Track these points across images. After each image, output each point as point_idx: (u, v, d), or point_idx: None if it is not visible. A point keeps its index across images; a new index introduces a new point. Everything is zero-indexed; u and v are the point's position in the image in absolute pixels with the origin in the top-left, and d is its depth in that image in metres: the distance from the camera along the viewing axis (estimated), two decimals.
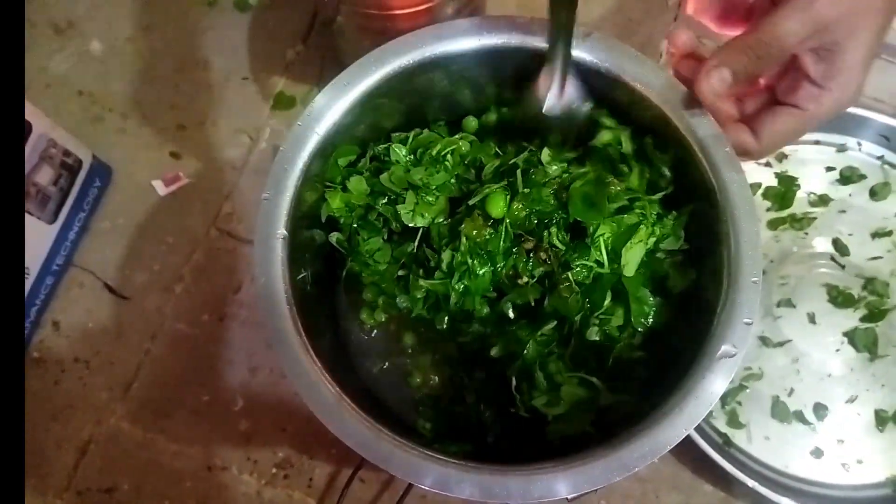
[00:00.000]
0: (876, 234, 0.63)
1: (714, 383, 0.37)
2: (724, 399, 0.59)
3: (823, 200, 0.64)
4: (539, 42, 0.45)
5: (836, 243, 0.63)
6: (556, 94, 0.46)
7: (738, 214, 0.40)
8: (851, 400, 0.59)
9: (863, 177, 0.65)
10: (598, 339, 0.45)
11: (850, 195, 0.65)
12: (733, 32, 0.43)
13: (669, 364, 0.40)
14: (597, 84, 0.45)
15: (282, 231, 0.41)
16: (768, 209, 0.64)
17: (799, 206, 0.64)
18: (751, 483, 0.54)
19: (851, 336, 0.60)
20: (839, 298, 0.61)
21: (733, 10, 0.45)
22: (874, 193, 0.64)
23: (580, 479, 0.35)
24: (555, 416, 0.45)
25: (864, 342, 0.60)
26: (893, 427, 0.58)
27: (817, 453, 0.58)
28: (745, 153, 0.42)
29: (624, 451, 0.36)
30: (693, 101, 0.43)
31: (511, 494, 0.35)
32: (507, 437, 0.45)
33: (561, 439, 0.43)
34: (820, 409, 0.59)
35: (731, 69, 0.40)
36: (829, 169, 0.65)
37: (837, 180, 0.65)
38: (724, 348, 0.38)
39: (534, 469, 0.36)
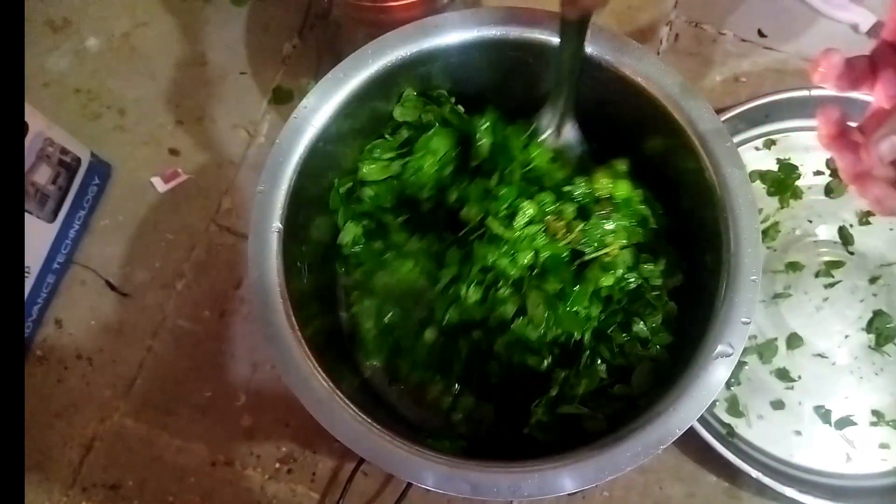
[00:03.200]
0: (880, 221, 0.62)
1: (710, 383, 0.37)
2: (726, 387, 0.59)
3: (827, 187, 0.63)
4: (537, 34, 0.45)
5: (841, 231, 0.62)
6: (554, 135, 0.47)
7: (739, 212, 0.39)
8: (855, 389, 0.59)
9: None
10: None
11: None
12: (862, 92, 0.39)
13: (666, 362, 0.40)
14: (596, 77, 0.45)
15: (277, 224, 0.41)
16: (769, 195, 0.63)
17: (802, 192, 0.63)
18: (754, 473, 0.54)
19: (874, 317, 0.60)
20: (843, 287, 0.61)
21: (855, 68, 0.40)
22: None
23: (570, 477, 0.35)
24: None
25: (878, 327, 0.59)
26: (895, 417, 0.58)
27: (821, 442, 0.58)
28: None
29: (616, 450, 0.35)
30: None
31: (501, 492, 0.35)
32: (499, 433, 0.45)
33: (554, 437, 0.42)
34: (823, 398, 0.58)
35: None
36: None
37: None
38: (721, 348, 0.37)
39: (525, 467, 0.36)
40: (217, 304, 0.64)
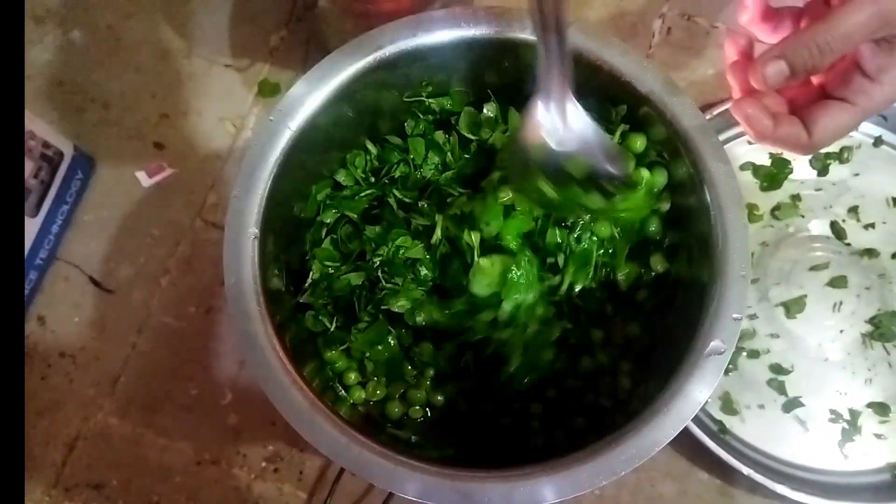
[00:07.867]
0: (872, 215, 0.62)
1: (702, 382, 0.36)
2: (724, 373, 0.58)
3: (819, 182, 0.63)
4: (521, 34, 0.43)
5: (834, 226, 0.62)
6: (560, 120, 0.38)
7: (726, 206, 0.39)
8: (848, 384, 0.58)
9: (859, 157, 0.63)
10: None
11: (846, 176, 0.63)
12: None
13: (656, 361, 0.39)
14: (579, 75, 0.44)
15: (253, 230, 0.40)
16: (762, 190, 0.63)
17: (793, 187, 0.63)
18: (746, 471, 0.53)
19: (880, 314, 0.59)
20: (837, 282, 0.60)
21: (784, 17, 0.41)
22: (868, 174, 0.63)
23: (564, 484, 0.34)
24: None
25: (882, 321, 0.59)
26: (891, 413, 0.57)
27: (813, 439, 0.57)
28: (796, 147, 0.38)
29: (610, 455, 0.35)
30: (675, 86, 0.41)
31: (492, 501, 0.34)
32: (490, 439, 0.44)
33: (546, 442, 0.42)
34: (816, 394, 0.58)
35: (789, 62, 0.36)
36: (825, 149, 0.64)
37: (834, 161, 0.64)
38: (713, 345, 0.36)
39: (516, 474, 0.35)
40: (203, 300, 0.63)
